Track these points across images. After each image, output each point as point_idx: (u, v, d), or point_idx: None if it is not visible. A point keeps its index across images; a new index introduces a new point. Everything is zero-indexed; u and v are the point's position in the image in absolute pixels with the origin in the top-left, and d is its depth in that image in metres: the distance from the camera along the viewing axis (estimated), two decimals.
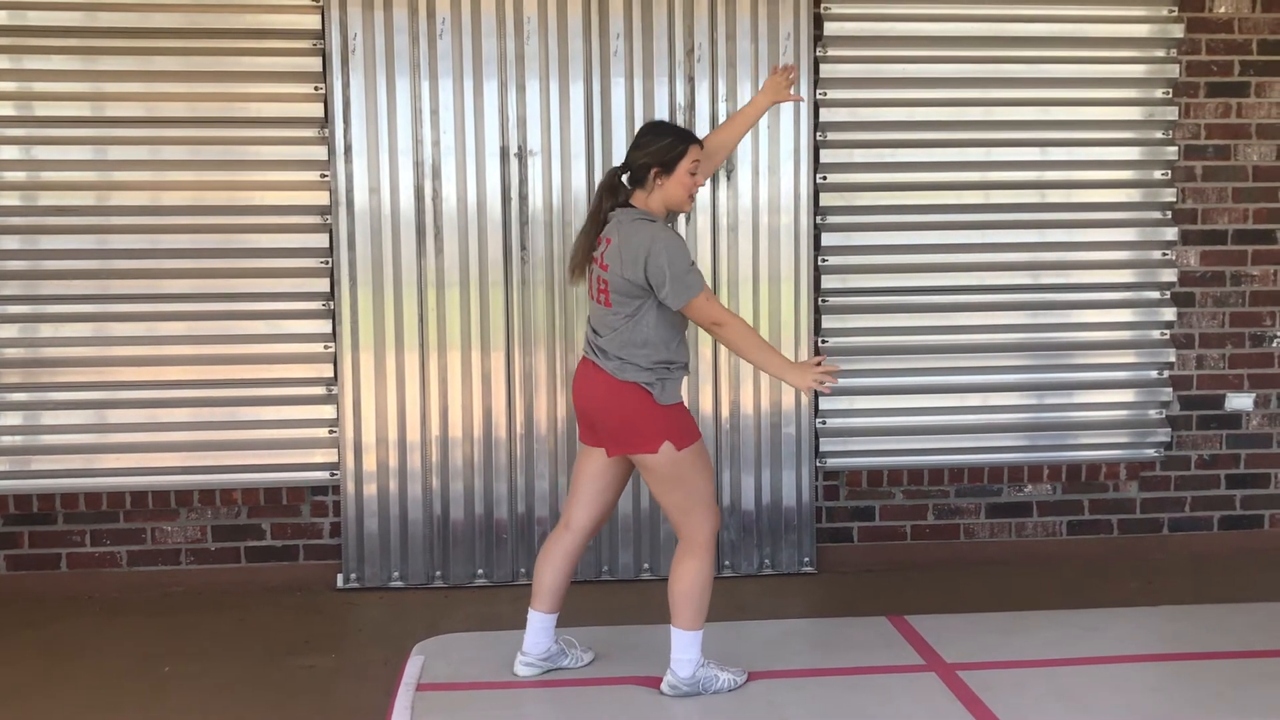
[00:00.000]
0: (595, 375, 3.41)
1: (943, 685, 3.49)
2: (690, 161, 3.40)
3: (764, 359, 3.38)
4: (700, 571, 3.37)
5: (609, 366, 3.36)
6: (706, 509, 3.39)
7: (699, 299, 3.31)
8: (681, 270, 3.29)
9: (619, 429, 3.37)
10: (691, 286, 3.30)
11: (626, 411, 3.34)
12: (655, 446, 3.31)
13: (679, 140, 3.42)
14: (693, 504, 3.36)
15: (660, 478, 3.35)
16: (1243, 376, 5.21)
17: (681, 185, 3.41)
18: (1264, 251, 5.18)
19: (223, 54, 4.71)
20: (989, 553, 5.14)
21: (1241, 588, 4.73)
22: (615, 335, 3.36)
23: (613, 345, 3.37)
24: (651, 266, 3.28)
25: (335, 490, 4.88)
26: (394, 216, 4.77)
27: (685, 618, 3.39)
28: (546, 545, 3.60)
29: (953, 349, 5.07)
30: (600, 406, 3.40)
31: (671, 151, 3.40)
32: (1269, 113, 5.12)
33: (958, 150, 5.00)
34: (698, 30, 4.81)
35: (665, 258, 3.27)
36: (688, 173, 3.40)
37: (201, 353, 4.79)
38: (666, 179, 3.40)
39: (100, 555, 4.83)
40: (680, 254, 3.31)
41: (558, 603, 3.58)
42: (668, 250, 3.28)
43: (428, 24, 4.73)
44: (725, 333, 3.35)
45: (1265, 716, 3.23)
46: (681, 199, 3.44)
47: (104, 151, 4.74)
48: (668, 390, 3.36)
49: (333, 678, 3.93)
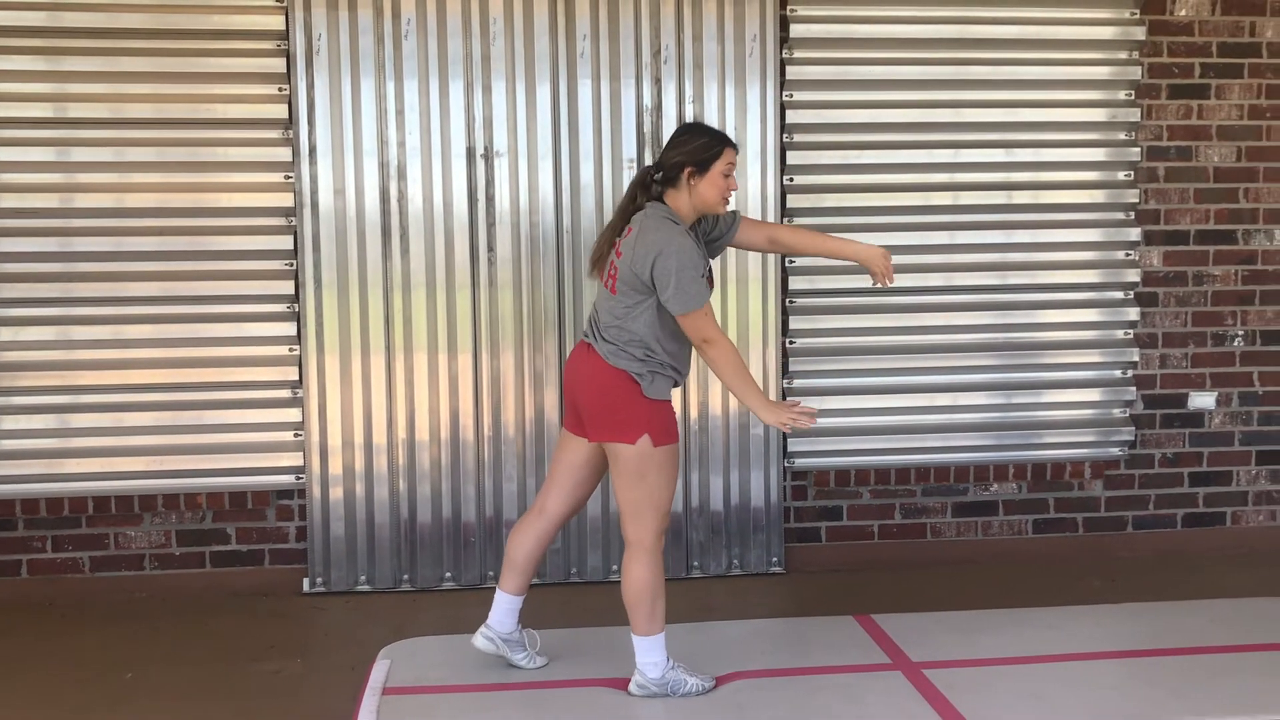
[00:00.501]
0: (588, 357, 3.41)
1: (909, 684, 3.50)
2: (725, 164, 3.37)
3: (743, 388, 3.35)
4: (648, 577, 3.37)
5: (603, 350, 3.36)
6: (659, 514, 3.37)
7: (698, 313, 3.30)
8: (687, 279, 3.27)
9: (602, 413, 3.36)
10: (694, 297, 3.28)
11: (612, 397, 3.34)
12: (634, 437, 3.30)
13: (715, 141, 3.40)
14: (648, 506, 3.35)
15: (628, 471, 3.34)
16: (1205, 375, 5.27)
17: (715, 186, 3.38)
18: (1225, 251, 5.23)
19: (187, 55, 4.68)
20: (956, 552, 5.17)
21: (1204, 585, 4.78)
22: (615, 322, 3.37)
23: (611, 332, 3.37)
24: (659, 268, 3.27)
25: (301, 494, 4.85)
26: (359, 218, 4.75)
27: (641, 623, 3.39)
28: (518, 525, 3.62)
29: (920, 349, 5.10)
30: (587, 388, 3.40)
31: (707, 151, 3.37)
32: (1229, 114, 5.18)
33: (924, 152, 5.04)
34: (664, 31, 4.81)
35: (675, 262, 3.26)
36: (722, 174, 3.37)
37: (166, 356, 4.76)
38: (700, 179, 3.37)
39: (62, 561, 4.78)
40: (691, 263, 3.29)
41: (524, 584, 3.59)
42: (679, 256, 3.27)
43: (393, 25, 4.71)
44: (713, 352, 3.33)
45: (1222, 711, 3.27)
46: (715, 200, 3.40)
47: (67, 153, 4.70)
48: (656, 385, 3.36)
49: (298, 683, 3.91)
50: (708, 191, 3.39)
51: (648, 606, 3.37)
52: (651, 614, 3.38)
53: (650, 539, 3.37)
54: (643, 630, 3.39)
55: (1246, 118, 5.19)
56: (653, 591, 3.37)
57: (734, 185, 3.44)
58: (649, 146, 4.83)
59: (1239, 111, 5.18)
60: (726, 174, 3.39)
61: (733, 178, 3.42)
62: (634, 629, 3.41)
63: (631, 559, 3.39)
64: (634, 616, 3.40)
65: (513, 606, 3.60)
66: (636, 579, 3.37)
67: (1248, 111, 5.19)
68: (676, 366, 3.43)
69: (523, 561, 3.57)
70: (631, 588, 3.37)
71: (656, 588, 3.38)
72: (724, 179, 3.39)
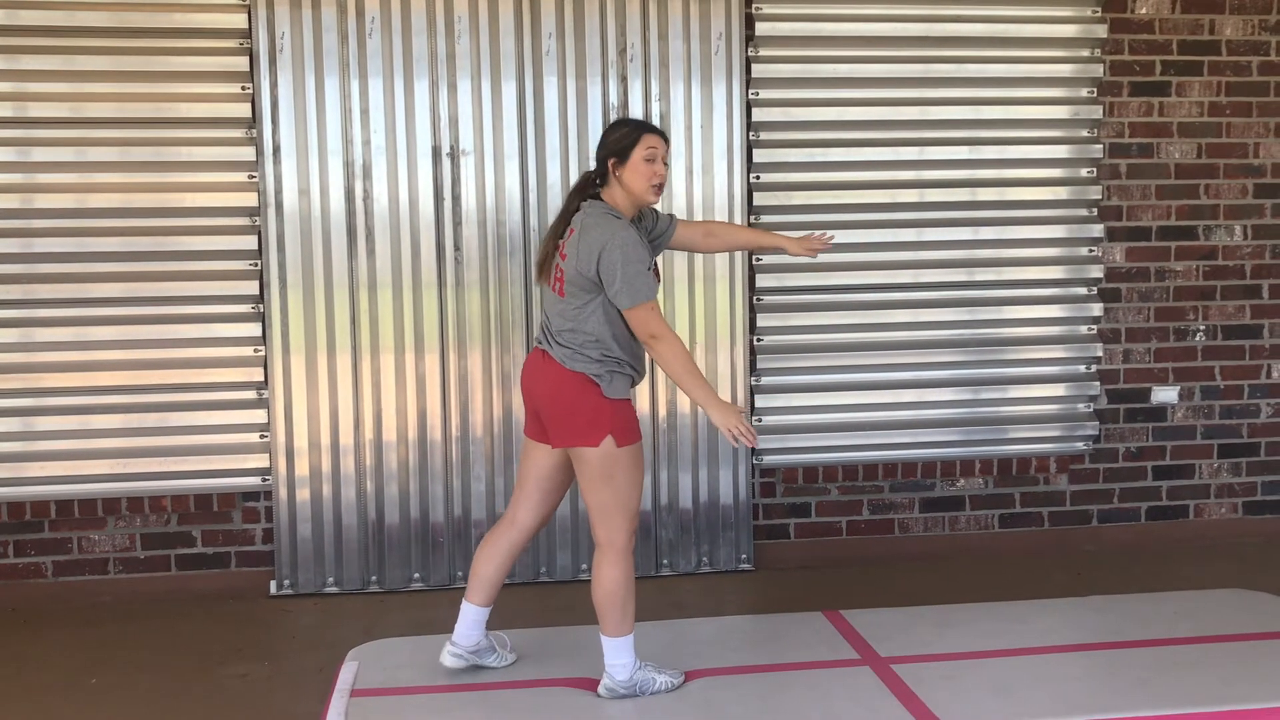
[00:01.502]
0: (544, 363, 3.38)
1: (877, 679, 3.52)
2: (644, 149, 3.34)
3: (693, 384, 3.30)
4: (617, 578, 3.35)
5: (559, 355, 3.33)
6: (628, 515, 3.36)
7: (644, 307, 3.26)
8: (634, 273, 3.24)
9: (564, 418, 3.33)
10: (639, 291, 3.25)
11: (572, 401, 3.31)
12: (598, 440, 3.28)
13: (633, 129, 3.38)
14: (617, 507, 3.34)
15: (593, 473, 3.32)
16: (1168, 370, 5.33)
17: (638, 174, 3.34)
18: (1186, 247, 5.29)
19: (148, 53, 4.63)
20: (923, 547, 5.20)
21: (1168, 577, 4.83)
22: (567, 325, 3.34)
23: (565, 335, 3.34)
24: (604, 262, 3.24)
25: (267, 496, 4.81)
26: (324, 217, 4.72)
27: (611, 624, 3.37)
28: (489, 537, 3.56)
29: (886, 346, 5.12)
30: (546, 395, 3.37)
31: (625, 139, 3.36)
32: (1189, 111, 5.24)
33: (890, 149, 5.06)
34: (630, 30, 4.81)
35: (620, 255, 3.24)
36: (643, 160, 3.34)
37: (130, 357, 4.71)
38: (623, 168, 3.35)
39: (24, 566, 4.73)
40: (637, 255, 3.27)
41: (492, 596, 3.55)
42: (623, 249, 3.25)
43: (357, 23, 4.69)
44: (661, 347, 3.28)
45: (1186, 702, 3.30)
46: (642, 189, 3.36)
47: (28, 153, 4.64)
48: (615, 385, 3.33)
49: (266, 686, 3.89)
50: (632, 179, 3.36)
51: (619, 609, 3.36)
52: (623, 616, 3.37)
53: (622, 539, 3.36)
54: (613, 632, 3.38)
55: (1207, 115, 5.25)
56: (624, 593, 3.36)
57: (660, 172, 3.38)
58: None
59: (1199, 109, 5.24)
60: (649, 159, 3.35)
61: (659, 164, 3.37)
62: (604, 630, 3.40)
63: (603, 560, 3.37)
64: (604, 619, 3.38)
65: (480, 618, 3.55)
66: (608, 580, 3.35)
67: (1208, 109, 5.25)
68: (633, 364, 3.41)
69: (490, 575, 3.52)
70: (602, 589, 3.36)
71: (628, 589, 3.37)
72: (646, 164, 3.35)
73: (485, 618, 3.56)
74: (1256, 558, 5.16)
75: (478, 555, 3.55)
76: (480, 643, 3.57)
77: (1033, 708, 3.32)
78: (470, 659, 3.56)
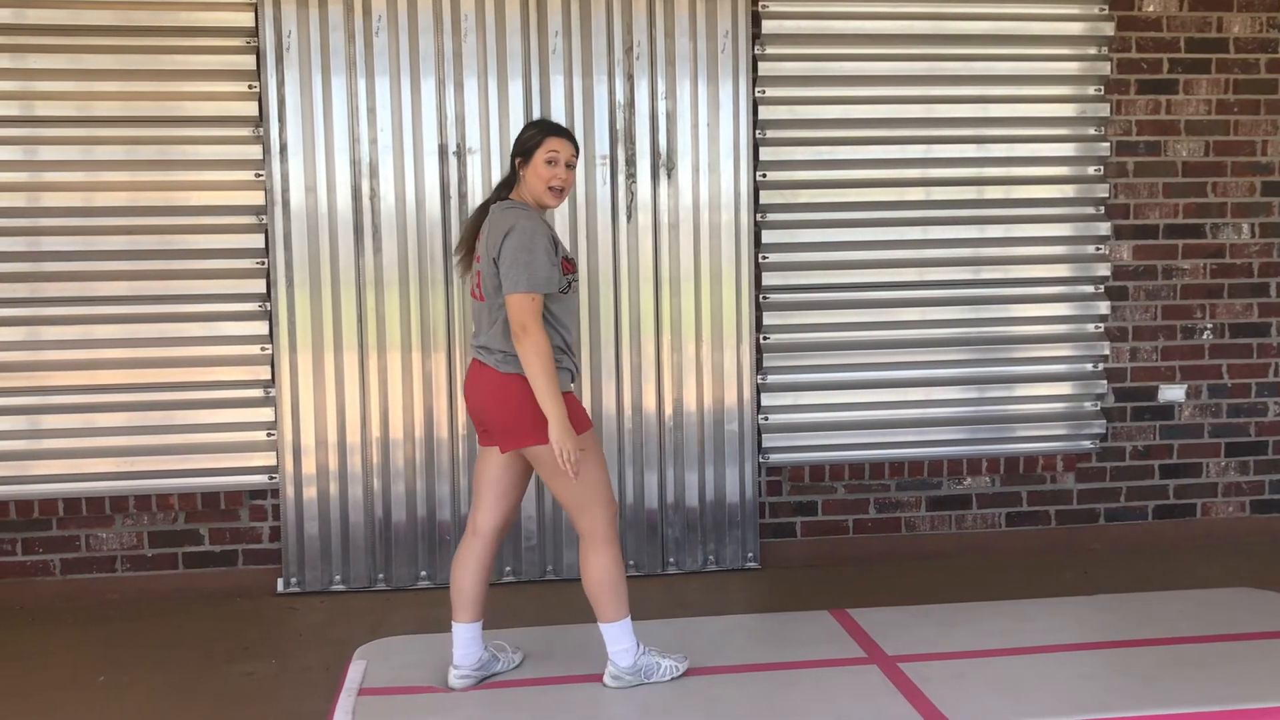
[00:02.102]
0: (480, 372, 3.39)
1: (884, 678, 3.52)
2: (546, 151, 3.35)
3: (546, 391, 3.21)
4: (606, 565, 3.36)
5: (491, 361, 3.34)
6: (602, 501, 3.36)
7: (525, 295, 3.21)
8: (526, 260, 3.22)
9: (509, 422, 3.33)
10: (524, 279, 3.22)
11: (512, 404, 3.30)
12: (545, 437, 3.25)
13: (540, 131, 3.41)
14: (587, 496, 3.33)
15: (553, 470, 3.31)
16: (1175, 368, 5.32)
17: (537, 176, 3.36)
18: (1194, 245, 5.28)
19: (155, 52, 4.64)
20: (930, 545, 5.20)
21: (1175, 576, 4.82)
22: (493, 328, 3.34)
23: (492, 339, 3.34)
24: (504, 246, 3.26)
25: (274, 494, 4.82)
26: (331, 216, 4.73)
27: (606, 610, 3.38)
28: (459, 555, 3.52)
29: (893, 344, 5.12)
30: (486, 403, 3.37)
31: (530, 141, 3.38)
32: (1197, 109, 5.22)
33: (897, 147, 5.06)
34: (636, 28, 4.81)
35: (516, 240, 3.24)
36: (544, 162, 3.35)
37: (136, 356, 4.72)
38: (526, 169, 3.38)
39: (32, 564, 4.74)
40: (531, 243, 3.24)
41: (480, 610, 3.52)
42: (521, 235, 3.25)
43: (364, 21, 4.69)
44: (527, 342, 3.21)
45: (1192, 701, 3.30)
46: (540, 190, 3.37)
47: (34, 151, 4.65)
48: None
49: (273, 684, 3.89)
50: (532, 180, 3.37)
51: (611, 593, 3.37)
52: (616, 600, 3.37)
53: (603, 527, 3.36)
54: (610, 616, 3.38)
55: (1214, 112, 5.24)
56: (614, 578, 3.36)
57: (560, 175, 3.37)
58: (621, 143, 4.83)
59: (1207, 106, 5.23)
60: (549, 162, 3.35)
61: (560, 168, 3.36)
62: (600, 618, 3.41)
63: (588, 550, 3.38)
64: (599, 606, 3.39)
65: (474, 634, 3.52)
66: (595, 569, 3.36)
67: (1215, 106, 5.23)
68: (566, 352, 3.38)
69: (471, 589, 3.49)
70: (592, 578, 3.37)
71: (617, 574, 3.37)
72: (546, 167, 3.35)
73: (479, 633, 3.53)
74: (1264, 556, 5.15)
75: (453, 575, 3.52)
76: (482, 657, 3.55)
77: (1040, 706, 3.32)
78: (477, 675, 3.54)
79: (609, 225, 4.85)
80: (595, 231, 4.85)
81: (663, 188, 4.88)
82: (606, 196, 4.84)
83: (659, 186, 4.88)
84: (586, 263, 4.84)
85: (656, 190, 4.87)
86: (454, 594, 3.51)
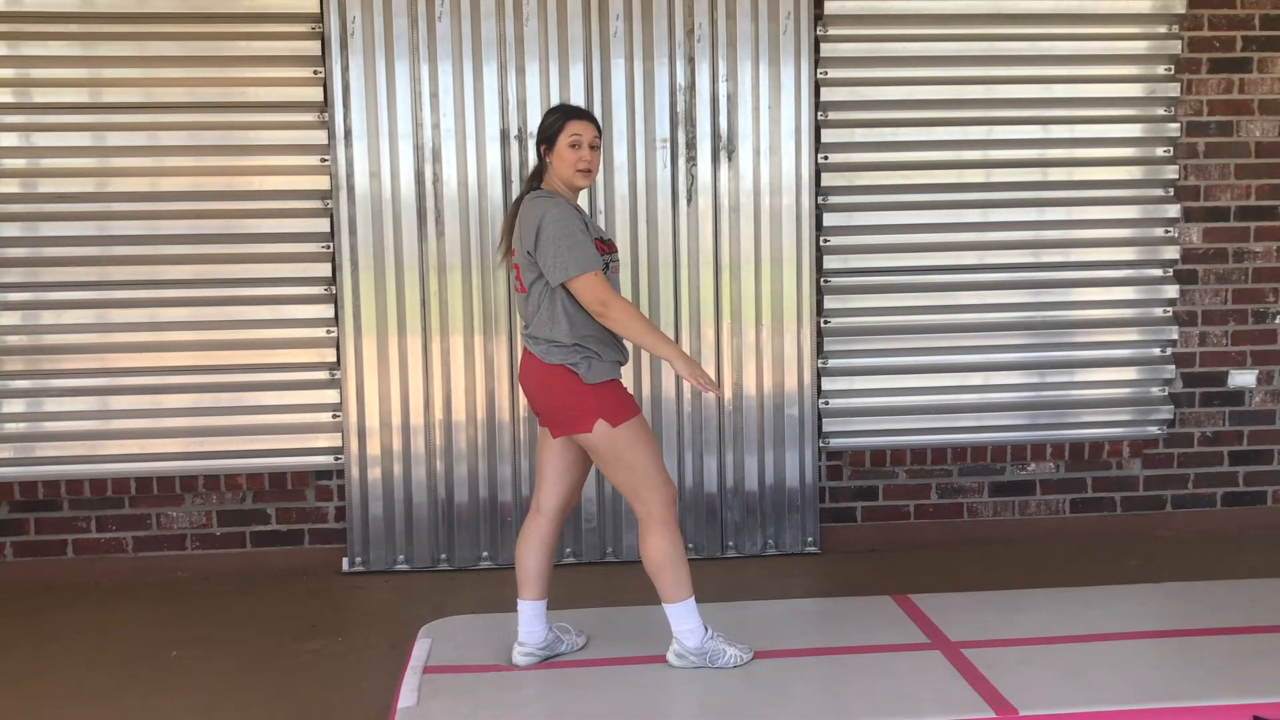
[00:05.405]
0: (529, 362, 3.44)
1: (948, 663, 3.49)
2: (569, 135, 3.37)
3: (654, 341, 3.31)
4: (663, 546, 3.38)
5: (537, 351, 3.39)
6: (656, 484, 3.38)
7: (585, 277, 3.25)
8: (568, 245, 3.25)
9: (554, 411, 3.40)
10: (569, 266, 3.25)
11: (556, 393, 3.36)
12: (589, 426, 3.31)
13: (560, 116, 3.43)
14: (640, 481, 3.36)
15: (602, 457, 3.37)
16: (1245, 353, 5.21)
17: (563, 160, 3.39)
18: (1266, 228, 5.17)
19: (221, 38, 4.70)
20: (992, 531, 5.15)
21: (1244, 564, 4.74)
22: (535, 319, 3.38)
23: (536, 329, 3.39)
24: (540, 239, 3.28)
25: (340, 474, 4.89)
26: (394, 200, 4.77)
27: (668, 590, 3.40)
28: (522, 533, 3.58)
29: (955, 328, 5.07)
30: (534, 391, 3.44)
31: (551, 128, 3.41)
32: (1271, 88, 5.11)
33: (959, 129, 5.00)
34: (698, 10, 4.79)
35: (551, 230, 3.26)
36: (568, 146, 3.37)
37: (203, 338, 4.80)
38: (552, 155, 3.42)
39: (106, 541, 4.85)
40: (565, 229, 3.26)
41: (545, 588, 3.56)
42: (554, 224, 3.27)
43: (427, 7, 4.71)
44: (613, 313, 3.27)
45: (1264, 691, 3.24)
46: (567, 173, 3.40)
47: (103, 137, 4.73)
48: (594, 369, 3.35)
49: (339, 661, 3.95)
50: (559, 165, 3.40)
51: (669, 574, 3.39)
52: (675, 580, 3.39)
53: (659, 510, 3.38)
54: (671, 596, 3.40)
55: None
56: (672, 559, 3.38)
57: (585, 157, 3.39)
58: (682, 126, 4.82)
59: None
60: (573, 145, 3.37)
61: (584, 150, 3.38)
62: (663, 598, 3.43)
63: (646, 532, 3.41)
64: (661, 586, 3.41)
65: (538, 611, 3.57)
66: (653, 549, 3.39)
67: None
68: (604, 345, 3.39)
69: (535, 567, 3.54)
70: (650, 559, 3.40)
71: (676, 555, 3.39)
72: (570, 150, 3.37)
73: (543, 611, 3.57)
74: None
75: (517, 552, 3.57)
76: (547, 637, 3.58)
77: (1107, 694, 3.28)
78: (541, 654, 3.57)
79: (669, 209, 4.85)
80: (655, 215, 4.85)
81: (723, 171, 4.87)
82: (667, 180, 4.84)
83: (719, 170, 4.86)
84: (646, 247, 4.84)
85: (717, 173, 4.86)
86: (519, 571, 3.56)
